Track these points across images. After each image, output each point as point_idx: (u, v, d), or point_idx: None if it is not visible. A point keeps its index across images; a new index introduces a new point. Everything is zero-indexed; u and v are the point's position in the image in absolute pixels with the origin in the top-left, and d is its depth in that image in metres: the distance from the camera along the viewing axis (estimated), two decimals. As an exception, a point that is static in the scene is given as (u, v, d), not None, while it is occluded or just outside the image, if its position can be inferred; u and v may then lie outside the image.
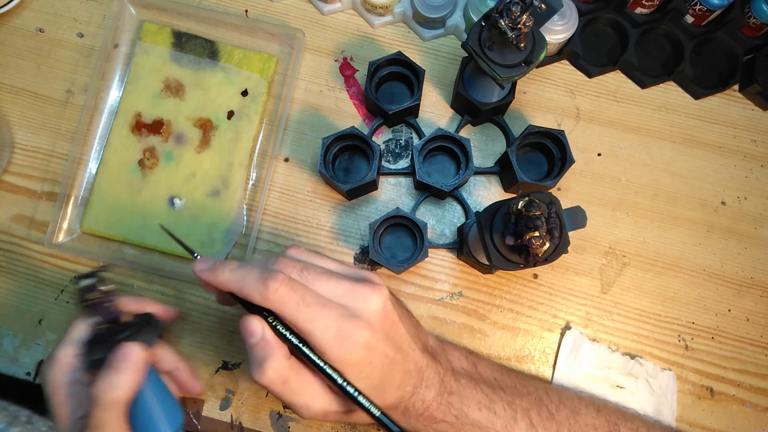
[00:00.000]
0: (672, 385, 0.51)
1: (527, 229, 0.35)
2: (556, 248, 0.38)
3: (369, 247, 0.48)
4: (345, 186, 0.49)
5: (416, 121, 0.55)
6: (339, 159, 0.54)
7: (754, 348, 0.52)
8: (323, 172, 0.49)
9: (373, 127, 0.55)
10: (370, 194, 0.54)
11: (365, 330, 0.34)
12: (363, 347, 0.34)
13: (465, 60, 0.52)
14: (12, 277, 0.53)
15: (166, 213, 0.53)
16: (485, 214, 0.40)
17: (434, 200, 0.55)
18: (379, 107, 0.51)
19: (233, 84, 0.55)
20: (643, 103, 0.57)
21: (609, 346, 0.52)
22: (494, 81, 0.45)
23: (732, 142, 0.56)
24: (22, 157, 0.55)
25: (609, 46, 0.58)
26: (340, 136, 0.50)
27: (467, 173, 0.50)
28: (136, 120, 0.54)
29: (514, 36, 0.41)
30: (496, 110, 0.53)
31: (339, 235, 0.54)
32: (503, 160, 0.52)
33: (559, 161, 0.51)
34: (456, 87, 0.53)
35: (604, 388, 0.51)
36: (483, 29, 0.43)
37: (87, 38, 0.57)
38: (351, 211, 0.54)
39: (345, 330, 0.34)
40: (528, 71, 0.44)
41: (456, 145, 0.52)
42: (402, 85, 0.55)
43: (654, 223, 0.54)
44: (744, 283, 0.53)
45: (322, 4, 0.57)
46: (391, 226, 0.52)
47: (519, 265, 0.39)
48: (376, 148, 0.49)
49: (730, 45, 0.56)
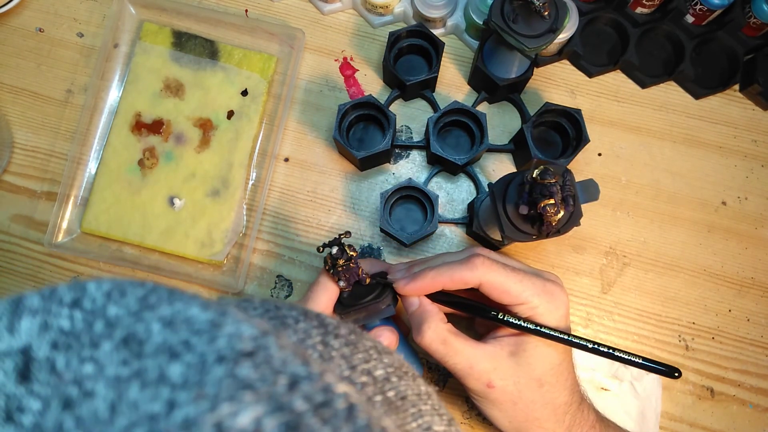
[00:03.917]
0: (657, 388, 0.50)
1: (542, 196, 0.35)
2: (570, 218, 0.38)
3: (379, 217, 0.49)
4: (359, 153, 0.49)
5: (433, 95, 0.55)
6: (354, 129, 0.54)
7: (754, 348, 0.52)
8: (338, 138, 0.49)
9: (390, 98, 0.55)
10: (382, 167, 0.55)
11: (565, 306, 0.37)
12: (564, 316, 0.37)
13: (484, 35, 0.52)
14: (12, 277, 0.53)
15: (166, 213, 0.53)
16: (499, 184, 0.40)
17: (446, 176, 0.55)
18: (397, 78, 0.52)
19: (233, 84, 0.55)
20: (644, 103, 0.57)
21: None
22: (521, 53, 0.45)
23: (732, 142, 0.56)
24: (22, 156, 0.55)
25: (609, 46, 0.57)
26: (356, 104, 0.50)
27: (482, 147, 0.50)
28: (136, 120, 0.54)
29: (540, 4, 0.41)
30: (513, 87, 0.53)
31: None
32: (518, 138, 0.53)
33: (574, 140, 0.51)
34: (474, 62, 0.54)
35: (589, 391, 0.50)
36: (505, 3, 0.44)
37: (87, 38, 0.57)
38: (353, 212, 0.54)
39: (550, 290, 0.37)
40: (554, 39, 0.44)
41: (471, 120, 0.52)
42: (420, 58, 0.56)
43: (654, 223, 0.54)
44: (744, 284, 0.53)
45: (322, 4, 0.57)
46: (401, 198, 0.52)
47: (531, 236, 0.39)
48: (392, 117, 0.50)
49: (731, 45, 0.56)
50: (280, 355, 0.16)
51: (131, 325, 0.16)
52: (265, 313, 0.23)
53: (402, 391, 0.23)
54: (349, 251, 0.38)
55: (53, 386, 0.14)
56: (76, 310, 0.16)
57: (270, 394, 0.14)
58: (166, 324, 0.16)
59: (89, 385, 0.14)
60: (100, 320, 0.16)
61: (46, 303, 0.16)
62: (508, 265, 0.37)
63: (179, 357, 0.15)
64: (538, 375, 0.36)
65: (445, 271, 0.37)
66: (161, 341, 0.15)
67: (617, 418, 0.49)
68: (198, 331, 0.16)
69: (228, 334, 0.16)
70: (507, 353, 0.37)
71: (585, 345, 0.36)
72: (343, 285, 0.38)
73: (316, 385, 0.15)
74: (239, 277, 0.51)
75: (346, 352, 0.23)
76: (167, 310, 0.16)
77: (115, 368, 0.15)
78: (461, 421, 0.51)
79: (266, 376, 0.15)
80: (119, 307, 0.16)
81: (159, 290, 0.17)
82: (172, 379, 0.14)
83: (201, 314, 0.16)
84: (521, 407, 0.36)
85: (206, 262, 0.53)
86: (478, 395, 0.37)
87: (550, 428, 0.37)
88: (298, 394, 0.15)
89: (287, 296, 0.53)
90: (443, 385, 0.51)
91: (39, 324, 0.16)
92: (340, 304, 0.40)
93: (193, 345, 0.15)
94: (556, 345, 0.37)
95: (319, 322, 0.24)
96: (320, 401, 0.15)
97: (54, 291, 0.17)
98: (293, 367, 0.16)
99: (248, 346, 0.15)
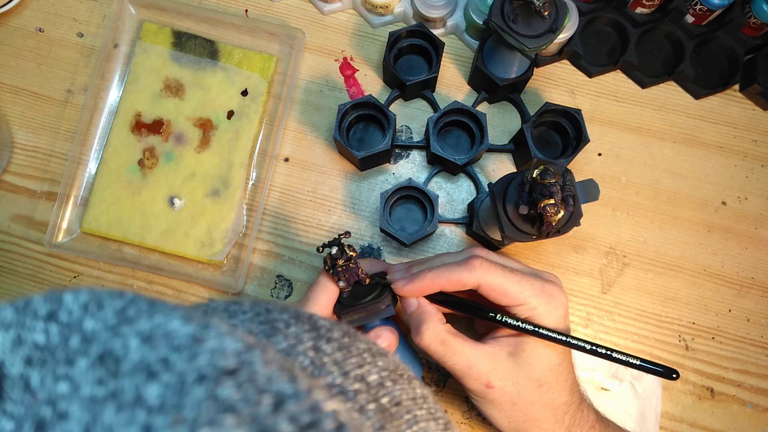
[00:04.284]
0: (657, 388, 0.50)
1: (542, 196, 0.35)
2: (569, 218, 0.38)
3: (379, 217, 0.49)
4: (359, 153, 0.49)
5: (433, 95, 0.56)
6: (354, 129, 0.54)
7: (754, 348, 0.52)
8: (338, 138, 0.49)
9: (389, 98, 0.55)
10: (382, 167, 0.55)
11: (564, 307, 0.37)
12: (563, 317, 0.37)
13: (484, 35, 0.52)
14: (12, 277, 0.53)
15: (166, 213, 0.53)
16: (499, 184, 0.40)
17: (446, 176, 0.55)
18: (397, 78, 0.52)
19: (233, 84, 0.55)
20: (644, 103, 0.57)
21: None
22: (521, 53, 0.45)
23: (732, 142, 0.56)
24: (22, 156, 0.55)
25: (609, 46, 0.57)
26: (356, 104, 0.50)
27: (482, 147, 0.50)
28: (136, 120, 0.54)
29: (540, 4, 0.41)
30: (513, 87, 0.53)
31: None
32: (518, 138, 0.53)
33: (574, 140, 0.51)
34: (474, 62, 0.54)
35: (589, 391, 0.50)
36: (505, 3, 0.44)
37: (87, 38, 0.57)
38: (353, 212, 0.54)
39: (548, 290, 0.37)
40: (554, 39, 0.44)
41: (471, 119, 0.52)
42: (420, 58, 0.56)
43: (654, 223, 0.54)
44: (744, 284, 0.53)
45: (322, 4, 0.57)
46: (401, 198, 0.52)
47: (531, 236, 0.39)
48: (392, 117, 0.50)
49: (731, 45, 0.56)
50: (265, 372, 0.15)
51: (108, 340, 0.15)
52: (255, 317, 0.23)
53: (396, 396, 0.22)
54: (349, 251, 0.38)
55: (27, 405, 0.14)
56: (52, 323, 0.15)
57: (253, 417, 0.14)
58: (144, 339, 0.15)
59: (63, 405, 0.14)
60: (77, 335, 0.15)
61: (20, 316, 0.16)
62: (507, 266, 0.37)
63: (157, 377, 0.14)
64: (538, 375, 0.36)
65: (444, 272, 0.37)
66: (138, 359, 0.15)
67: (617, 418, 0.49)
68: (178, 348, 0.15)
69: (210, 349, 0.15)
70: (506, 354, 0.37)
71: (583, 346, 0.36)
72: (343, 285, 0.38)
73: (303, 405, 0.15)
74: (239, 277, 0.51)
75: (339, 357, 0.22)
76: (146, 324, 0.16)
77: (91, 388, 0.14)
78: (461, 421, 0.51)
79: (249, 396, 0.14)
80: (96, 321, 0.15)
81: (139, 302, 0.16)
82: (149, 401, 0.14)
83: (182, 328, 0.16)
84: (520, 407, 0.36)
85: (206, 262, 0.53)
86: (478, 395, 0.37)
87: (549, 428, 0.37)
88: (283, 416, 0.14)
89: (287, 296, 0.53)
90: (443, 386, 0.51)
91: (12, 339, 0.15)
92: (340, 304, 0.40)
93: (172, 363, 0.15)
94: (556, 345, 0.37)
95: (311, 325, 0.23)
96: (307, 422, 0.14)
97: (29, 303, 0.16)
98: (279, 385, 0.15)
99: (231, 363, 0.15)
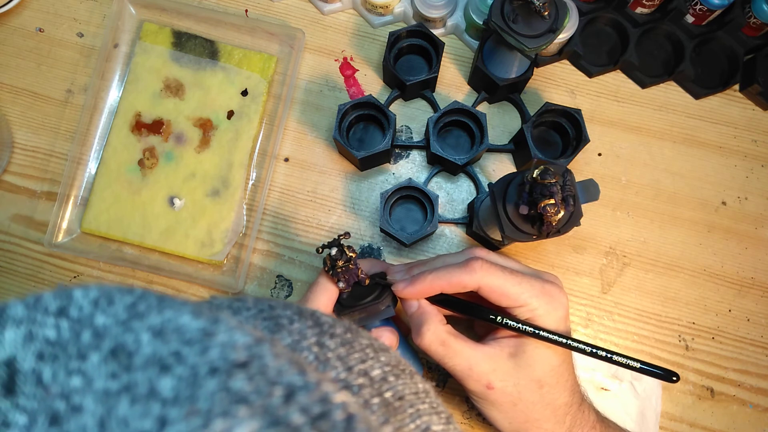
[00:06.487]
0: (657, 388, 0.50)
1: (542, 196, 0.35)
2: (570, 218, 0.38)
3: (379, 217, 0.49)
4: (359, 153, 0.49)
5: (433, 95, 0.56)
6: (354, 129, 0.54)
7: (754, 348, 0.52)
8: (338, 138, 0.49)
9: (389, 98, 0.55)
10: (382, 167, 0.55)
11: (564, 308, 0.37)
12: (563, 318, 0.37)
13: (484, 35, 0.52)
14: (12, 277, 0.53)
15: (166, 213, 0.53)
16: (499, 184, 0.40)
17: (446, 176, 0.55)
18: (397, 78, 0.52)
19: (233, 84, 0.55)
20: (644, 103, 0.57)
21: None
22: (521, 53, 0.45)
23: (732, 142, 0.56)
24: (21, 156, 0.55)
25: (609, 46, 0.57)
26: (356, 104, 0.50)
27: (482, 147, 0.50)
28: (136, 120, 0.54)
29: (540, 4, 0.41)
30: (513, 87, 0.53)
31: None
32: (518, 138, 0.53)
33: (574, 140, 0.51)
34: (474, 62, 0.54)
35: (589, 391, 0.50)
36: (505, 3, 0.44)
37: (87, 38, 0.57)
38: (353, 212, 0.54)
39: (549, 291, 0.37)
40: (554, 39, 0.44)
41: (471, 119, 0.52)
42: (420, 58, 0.56)
43: (654, 223, 0.54)
44: (744, 284, 0.53)
45: (322, 4, 0.57)
46: (401, 198, 0.52)
47: (531, 236, 0.39)
48: (392, 117, 0.50)
49: (731, 45, 0.56)
50: (275, 365, 0.15)
51: (120, 335, 0.15)
52: (259, 313, 0.23)
53: (399, 390, 0.22)
54: (349, 252, 0.38)
55: (40, 400, 0.14)
56: (63, 319, 0.15)
57: (265, 408, 0.14)
58: (155, 334, 0.15)
59: (77, 399, 0.14)
60: (88, 330, 0.15)
61: (31, 312, 0.16)
62: (507, 268, 0.37)
63: (170, 370, 0.14)
64: (538, 376, 0.36)
65: (444, 274, 0.37)
66: (151, 353, 0.15)
67: (617, 418, 0.49)
68: (189, 341, 0.15)
69: (221, 343, 0.15)
70: (506, 354, 0.37)
71: (584, 349, 0.36)
72: (343, 286, 0.38)
73: (313, 396, 0.15)
74: (239, 277, 0.51)
75: (342, 352, 0.22)
76: (157, 319, 0.16)
77: (104, 382, 0.14)
78: (461, 421, 0.51)
79: (261, 388, 0.14)
80: (107, 316, 0.16)
81: (148, 297, 0.16)
82: (163, 393, 0.14)
83: (192, 322, 0.16)
84: (521, 408, 0.36)
85: (206, 262, 0.53)
86: (478, 396, 0.37)
87: (550, 429, 0.37)
88: (294, 407, 0.14)
89: (287, 296, 0.53)
90: (443, 386, 0.51)
91: (23, 334, 0.15)
92: (340, 305, 0.40)
93: (184, 356, 0.15)
94: (556, 346, 0.37)
95: (314, 321, 0.23)
96: (318, 413, 0.14)
97: (39, 299, 0.16)
98: (289, 377, 0.15)
99: (242, 356, 0.15)
